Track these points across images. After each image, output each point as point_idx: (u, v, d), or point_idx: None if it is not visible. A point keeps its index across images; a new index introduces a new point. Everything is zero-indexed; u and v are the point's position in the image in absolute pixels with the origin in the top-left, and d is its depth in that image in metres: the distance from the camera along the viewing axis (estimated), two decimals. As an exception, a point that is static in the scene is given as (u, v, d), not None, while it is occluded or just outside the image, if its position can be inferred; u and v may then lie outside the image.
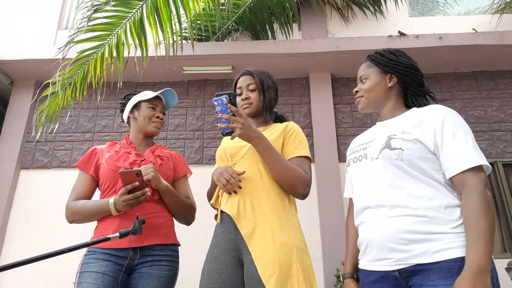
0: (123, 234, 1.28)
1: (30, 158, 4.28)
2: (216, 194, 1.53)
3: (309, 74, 4.54)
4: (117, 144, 1.81)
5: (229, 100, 1.35)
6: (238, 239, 1.42)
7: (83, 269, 1.53)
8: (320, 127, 4.25)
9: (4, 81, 4.49)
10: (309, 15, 4.77)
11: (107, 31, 3.47)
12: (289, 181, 1.44)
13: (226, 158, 1.56)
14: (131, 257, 1.56)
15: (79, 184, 1.73)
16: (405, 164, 1.19)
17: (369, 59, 1.46)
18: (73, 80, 3.62)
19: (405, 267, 1.13)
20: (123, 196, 1.51)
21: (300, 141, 1.56)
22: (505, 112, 4.29)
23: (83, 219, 1.64)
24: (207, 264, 1.43)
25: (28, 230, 3.96)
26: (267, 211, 1.41)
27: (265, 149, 1.42)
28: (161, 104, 1.85)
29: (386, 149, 1.23)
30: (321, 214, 3.87)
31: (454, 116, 1.23)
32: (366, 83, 1.42)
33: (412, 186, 1.19)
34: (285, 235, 1.38)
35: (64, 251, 1.12)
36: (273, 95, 1.67)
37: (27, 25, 4.89)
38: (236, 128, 1.36)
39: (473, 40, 4.09)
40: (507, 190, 3.95)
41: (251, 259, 1.35)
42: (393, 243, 1.16)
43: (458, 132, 1.19)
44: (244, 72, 1.69)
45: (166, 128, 4.40)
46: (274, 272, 1.29)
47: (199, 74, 4.48)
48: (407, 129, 1.25)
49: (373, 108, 1.43)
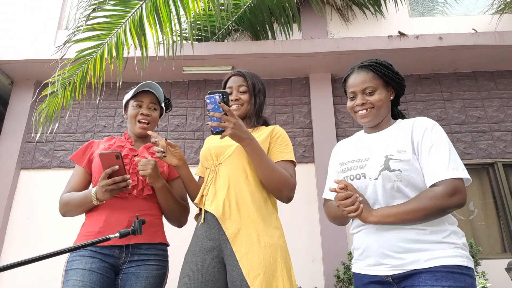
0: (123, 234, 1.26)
1: (30, 158, 4.28)
2: (201, 193, 1.51)
3: (309, 74, 4.54)
4: (114, 138, 1.76)
5: (222, 99, 1.35)
6: (221, 240, 1.41)
7: (69, 266, 1.49)
8: (320, 127, 4.25)
9: (4, 81, 4.49)
10: (309, 15, 4.77)
11: (107, 30, 3.47)
12: (275, 184, 1.45)
13: (211, 158, 1.55)
14: (117, 255, 1.52)
15: (73, 176, 1.69)
16: (403, 184, 1.26)
17: (371, 70, 1.41)
18: (72, 80, 3.62)
19: (399, 273, 1.22)
20: (102, 181, 1.45)
21: (286, 145, 1.57)
22: (505, 112, 4.29)
23: (72, 210, 1.60)
24: (188, 264, 1.41)
25: (28, 230, 3.96)
26: (252, 212, 1.41)
27: (254, 150, 1.41)
28: (148, 99, 1.75)
29: (386, 170, 1.28)
30: (321, 214, 3.87)
31: (434, 130, 1.29)
32: (376, 95, 1.38)
33: None
34: (269, 236, 1.38)
35: (64, 251, 1.12)
36: (263, 100, 1.70)
37: (27, 25, 4.89)
38: (228, 127, 1.35)
39: (473, 40, 4.09)
40: (507, 190, 3.95)
41: (235, 260, 1.34)
42: (390, 251, 1.24)
43: (434, 145, 1.26)
44: (236, 72, 1.69)
45: (166, 128, 4.40)
46: (259, 273, 1.30)
47: (199, 74, 4.48)
48: (402, 147, 1.30)
49: (378, 121, 1.42)
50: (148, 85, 1.75)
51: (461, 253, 1.20)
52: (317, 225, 3.88)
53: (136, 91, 1.73)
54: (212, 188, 1.48)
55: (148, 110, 1.74)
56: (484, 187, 4.10)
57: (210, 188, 1.48)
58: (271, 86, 4.57)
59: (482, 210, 4.02)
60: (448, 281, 1.14)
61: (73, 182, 1.68)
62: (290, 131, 4.32)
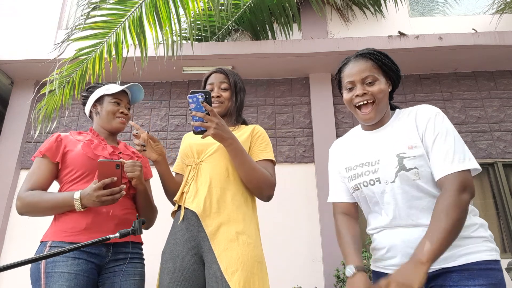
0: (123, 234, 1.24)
1: (30, 158, 4.27)
2: (181, 191, 1.49)
3: (309, 74, 4.54)
4: (83, 133, 1.67)
5: (204, 98, 1.33)
6: (200, 237, 1.41)
7: (51, 269, 1.36)
8: (320, 127, 4.25)
9: (4, 81, 4.49)
10: (309, 15, 4.77)
11: (106, 29, 3.47)
12: (256, 182, 1.46)
13: (192, 155, 1.54)
14: (103, 254, 1.46)
15: (38, 172, 1.52)
16: (423, 181, 1.17)
17: (371, 58, 1.29)
18: (71, 78, 3.62)
19: (430, 272, 1.11)
20: (98, 191, 1.36)
21: (266, 144, 1.58)
22: (505, 112, 4.29)
23: (40, 212, 1.45)
24: (166, 262, 1.40)
25: (28, 230, 3.96)
26: (233, 211, 1.42)
27: (236, 150, 1.41)
28: (126, 99, 1.73)
29: (402, 171, 1.18)
30: (321, 214, 3.87)
31: (437, 119, 1.19)
32: (376, 86, 1.25)
33: (430, 202, 1.17)
34: (248, 235, 1.39)
35: (64, 252, 1.12)
36: (243, 98, 1.70)
37: (27, 25, 4.88)
38: (210, 127, 1.34)
39: (473, 40, 4.09)
40: (507, 190, 3.95)
41: (214, 257, 1.34)
42: None
43: (438, 136, 1.17)
44: (217, 69, 1.68)
45: (166, 128, 4.40)
46: (238, 268, 1.30)
47: (199, 74, 4.47)
48: (412, 142, 1.20)
49: (380, 118, 1.28)
50: (130, 87, 1.74)
51: (490, 246, 1.14)
52: (317, 225, 3.88)
53: (114, 89, 1.69)
54: (194, 185, 1.47)
55: (126, 110, 1.73)
56: (484, 187, 4.10)
57: (191, 186, 1.48)
58: (271, 86, 4.56)
59: (482, 210, 4.02)
60: (481, 279, 1.07)
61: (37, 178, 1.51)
62: (290, 131, 4.32)
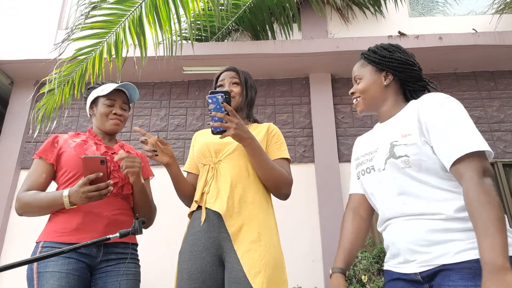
0: (123, 234, 1.24)
1: (30, 158, 4.27)
2: (201, 191, 1.48)
3: (309, 74, 4.54)
4: (81, 135, 1.69)
5: (224, 99, 1.33)
6: (221, 238, 1.39)
7: (42, 268, 1.38)
8: (320, 127, 4.25)
9: (4, 81, 4.49)
10: (309, 15, 4.77)
11: (106, 29, 3.47)
12: (274, 181, 1.47)
13: (210, 154, 1.53)
14: (94, 254, 1.46)
15: (35, 173, 1.55)
16: (414, 170, 1.14)
17: (362, 57, 1.40)
18: (71, 78, 3.61)
19: (428, 269, 1.09)
20: (83, 187, 1.36)
21: (281, 143, 1.59)
22: (505, 112, 4.29)
23: (35, 212, 1.49)
24: (185, 263, 1.39)
25: (28, 230, 3.96)
26: (254, 210, 1.41)
27: (255, 150, 1.41)
28: (121, 99, 1.69)
29: (391, 158, 1.18)
30: (321, 214, 3.87)
31: (442, 104, 1.15)
32: (361, 83, 1.36)
33: (426, 191, 1.13)
34: (269, 235, 1.39)
35: (64, 251, 1.12)
36: (254, 95, 1.71)
37: (27, 25, 4.88)
38: (230, 127, 1.34)
39: (473, 40, 4.09)
40: (507, 190, 3.95)
41: (236, 257, 1.33)
42: (416, 245, 1.12)
43: (446, 122, 1.11)
44: (228, 68, 1.71)
45: (166, 128, 4.40)
46: (260, 270, 1.29)
47: (199, 74, 4.48)
48: (406, 130, 1.19)
49: (372, 109, 1.37)
50: (123, 86, 1.71)
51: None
52: (317, 225, 3.88)
53: (108, 89, 1.66)
54: (214, 185, 1.46)
55: (120, 110, 1.69)
56: (484, 187, 4.09)
57: (212, 186, 1.46)
58: (271, 86, 4.56)
59: (482, 210, 4.02)
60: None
61: (35, 179, 1.54)
62: (290, 131, 4.32)
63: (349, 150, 4.13)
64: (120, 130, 1.72)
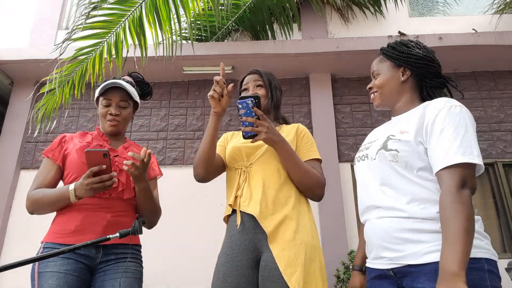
0: (123, 234, 1.24)
1: (30, 158, 4.27)
2: (234, 195, 1.49)
3: (309, 74, 4.54)
4: (88, 134, 1.68)
5: (254, 103, 1.34)
6: (256, 238, 1.40)
7: (42, 268, 1.41)
8: (320, 127, 4.25)
9: (4, 81, 4.49)
10: (309, 15, 4.77)
11: (106, 29, 3.47)
12: (308, 184, 1.47)
13: (241, 158, 1.54)
14: (93, 255, 1.47)
15: (43, 172, 1.58)
16: (400, 166, 1.18)
17: (381, 53, 1.43)
18: (71, 78, 3.62)
19: (398, 267, 1.13)
20: (87, 179, 1.38)
21: (311, 144, 1.59)
22: (505, 112, 4.29)
23: (43, 208, 1.50)
24: (222, 266, 1.40)
25: (28, 230, 3.96)
26: (288, 211, 1.42)
27: (287, 153, 1.42)
28: (117, 97, 1.63)
29: (382, 150, 1.23)
30: (321, 214, 3.87)
31: (451, 110, 1.15)
32: (378, 78, 1.39)
33: (407, 188, 1.16)
34: (305, 234, 1.40)
35: (64, 251, 1.12)
36: (280, 96, 1.71)
37: (27, 25, 4.88)
38: (261, 132, 1.35)
39: (473, 40, 4.08)
40: (507, 190, 3.95)
41: (271, 256, 1.34)
42: (387, 242, 1.16)
43: (446, 129, 1.13)
44: (251, 71, 1.71)
45: (166, 128, 4.40)
46: (296, 269, 1.30)
47: (199, 74, 4.47)
48: (405, 128, 1.22)
49: (388, 104, 1.39)
50: (116, 82, 1.63)
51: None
52: (317, 225, 3.88)
53: (103, 88, 1.62)
54: (247, 189, 1.47)
55: (117, 109, 1.64)
56: (484, 187, 4.09)
57: (245, 189, 1.47)
58: (271, 86, 4.56)
59: (482, 210, 4.02)
60: None
61: (43, 179, 1.56)
62: (290, 131, 4.31)
63: (349, 150, 4.13)
64: (120, 130, 1.68)
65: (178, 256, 3.67)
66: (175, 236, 3.69)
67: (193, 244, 3.68)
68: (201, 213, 3.82)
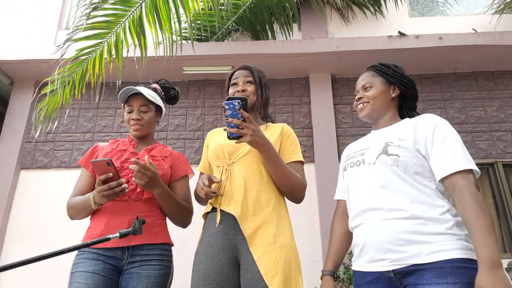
0: (123, 234, 1.26)
1: (30, 158, 4.27)
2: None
3: (309, 74, 4.54)
4: (118, 141, 1.78)
5: (241, 105, 1.34)
6: (237, 239, 1.40)
7: (74, 269, 1.53)
8: (320, 127, 4.25)
9: (4, 81, 4.49)
10: (309, 15, 4.77)
11: (106, 29, 3.47)
12: (289, 186, 1.48)
13: (224, 156, 1.53)
14: (119, 257, 1.54)
15: (80, 180, 1.72)
16: (400, 170, 1.25)
17: (373, 69, 1.51)
18: (72, 78, 3.62)
19: (401, 268, 1.17)
20: (98, 187, 1.47)
21: (295, 145, 1.59)
22: (505, 112, 4.29)
23: (77, 214, 1.63)
24: (201, 264, 1.40)
25: (28, 230, 3.96)
26: (268, 213, 1.42)
27: (271, 156, 1.42)
28: (138, 102, 1.72)
29: (383, 154, 1.29)
30: (321, 214, 3.87)
31: (445, 123, 1.30)
32: (372, 90, 1.46)
33: (407, 191, 1.23)
34: (284, 236, 1.40)
35: (64, 251, 1.12)
36: (269, 94, 1.70)
37: (27, 25, 4.88)
38: (247, 134, 1.35)
39: (473, 40, 4.09)
40: (507, 190, 3.95)
41: (251, 259, 1.34)
42: (390, 244, 1.19)
43: (448, 138, 1.24)
44: (242, 66, 1.69)
45: (166, 128, 4.40)
46: (277, 272, 1.31)
47: (199, 74, 4.48)
48: (403, 136, 1.30)
49: (375, 115, 1.46)
50: (132, 89, 1.72)
51: (465, 245, 1.14)
52: (317, 225, 3.88)
53: (123, 96, 1.72)
54: (228, 187, 1.47)
55: (139, 113, 1.72)
56: (484, 187, 4.10)
57: (226, 188, 1.47)
58: (271, 86, 4.55)
59: (482, 210, 4.01)
60: (453, 277, 1.08)
61: (80, 186, 1.70)
62: (290, 131, 4.32)
63: (349, 150, 4.12)
64: (144, 133, 1.75)
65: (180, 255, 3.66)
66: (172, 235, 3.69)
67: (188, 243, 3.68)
68: (201, 213, 3.81)
